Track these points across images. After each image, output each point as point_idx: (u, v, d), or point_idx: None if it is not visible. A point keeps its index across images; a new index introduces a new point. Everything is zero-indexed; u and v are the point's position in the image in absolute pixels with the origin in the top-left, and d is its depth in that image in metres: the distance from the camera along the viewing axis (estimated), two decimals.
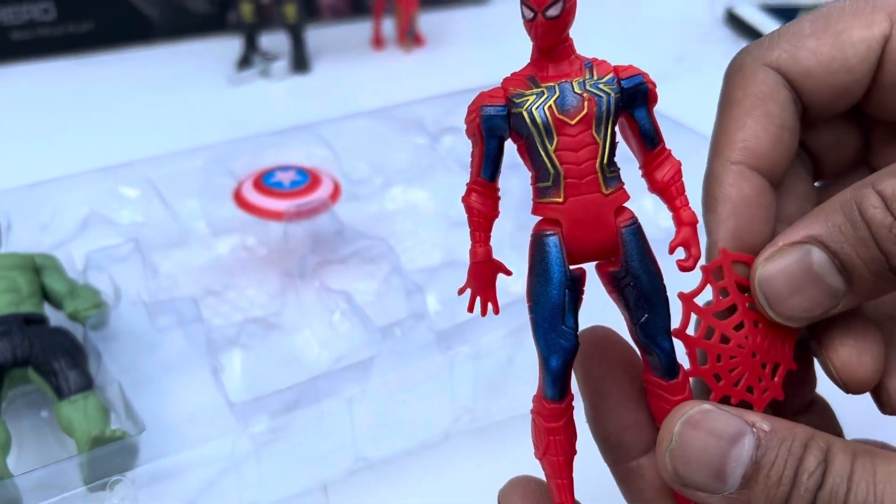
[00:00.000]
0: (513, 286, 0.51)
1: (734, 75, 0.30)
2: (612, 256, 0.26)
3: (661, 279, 0.26)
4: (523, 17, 0.25)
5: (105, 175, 0.54)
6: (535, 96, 0.25)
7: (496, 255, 0.55)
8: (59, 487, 0.35)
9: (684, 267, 0.26)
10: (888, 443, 0.27)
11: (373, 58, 0.86)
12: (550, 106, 0.25)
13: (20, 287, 0.44)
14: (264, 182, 0.53)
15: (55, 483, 0.35)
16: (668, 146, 0.27)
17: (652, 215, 0.51)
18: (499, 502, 0.29)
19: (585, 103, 0.25)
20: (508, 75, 0.26)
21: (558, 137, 0.25)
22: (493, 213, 0.27)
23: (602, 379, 0.28)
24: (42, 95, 0.80)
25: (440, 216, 0.56)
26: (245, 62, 0.82)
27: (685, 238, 0.26)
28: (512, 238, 0.53)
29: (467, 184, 0.26)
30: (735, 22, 0.90)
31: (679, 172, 0.27)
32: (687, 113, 0.55)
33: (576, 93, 0.25)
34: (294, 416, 0.39)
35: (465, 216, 0.60)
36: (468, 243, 0.60)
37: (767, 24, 0.86)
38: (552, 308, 0.25)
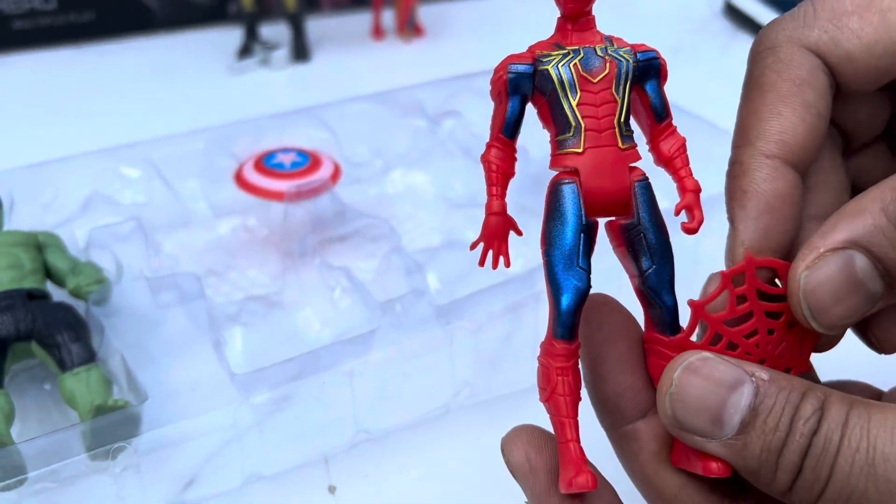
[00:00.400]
0: (511, 266, 0.51)
1: (766, 55, 0.28)
2: (623, 212, 0.27)
3: (668, 236, 0.27)
4: None
5: (107, 156, 0.54)
6: (560, 56, 0.27)
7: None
8: (61, 455, 0.36)
9: (688, 228, 0.27)
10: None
11: (373, 48, 0.87)
12: (575, 64, 0.27)
13: (23, 263, 0.44)
14: (265, 163, 0.54)
15: (58, 451, 0.36)
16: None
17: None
18: (502, 450, 0.30)
19: (607, 64, 0.27)
20: (535, 43, 0.28)
21: (581, 92, 0.27)
22: (511, 169, 0.28)
23: (602, 344, 0.28)
24: (43, 84, 0.80)
25: (440, 199, 0.57)
26: (245, 52, 0.82)
27: (689, 202, 0.27)
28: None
29: (487, 143, 0.27)
30: (733, 13, 0.91)
31: (684, 146, 0.28)
32: (685, 104, 0.56)
33: (598, 55, 0.27)
34: (295, 388, 0.40)
35: (464, 198, 0.60)
36: (468, 225, 0.60)
37: (766, 16, 0.86)
38: (568, 249, 0.27)
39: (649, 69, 0.28)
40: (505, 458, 0.30)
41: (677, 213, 0.27)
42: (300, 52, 0.83)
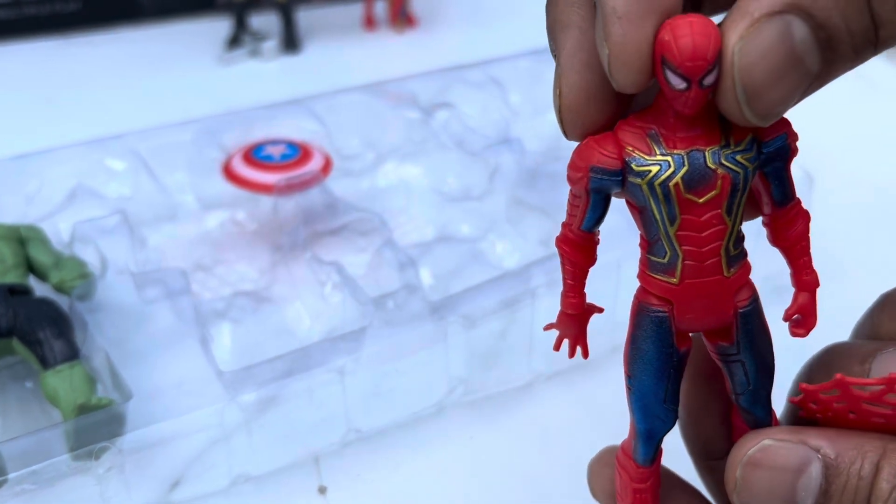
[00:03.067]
0: (506, 260, 0.50)
1: None
2: (723, 337, 0.24)
3: (772, 356, 0.25)
4: (668, 85, 0.21)
5: (92, 147, 0.53)
6: (658, 167, 0.22)
7: (491, 230, 0.54)
8: (43, 455, 0.34)
9: (797, 335, 0.25)
10: None
11: (364, 38, 0.86)
12: (677, 183, 0.22)
13: (4, 258, 0.43)
14: (254, 155, 0.52)
15: (39, 451, 0.35)
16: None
17: None
18: (589, 472, 0.29)
19: (718, 181, 0.22)
20: (626, 119, 0.23)
21: (682, 218, 0.22)
22: (590, 262, 0.24)
23: (704, 398, 0.28)
24: (28, 76, 0.78)
25: (433, 192, 0.55)
26: (234, 42, 0.81)
27: (804, 306, 0.24)
28: (507, 212, 0.52)
29: (564, 225, 0.24)
30: None
31: (808, 229, 0.24)
32: None
33: (709, 167, 0.22)
34: (285, 386, 0.39)
35: (458, 191, 0.59)
36: (462, 218, 0.58)
37: None
38: (655, 389, 0.24)
39: (776, 156, 0.23)
40: (590, 481, 0.29)
41: (787, 318, 0.25)
42: (290, 42, 0.82)
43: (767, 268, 0.28)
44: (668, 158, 0.22)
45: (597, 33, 0.22)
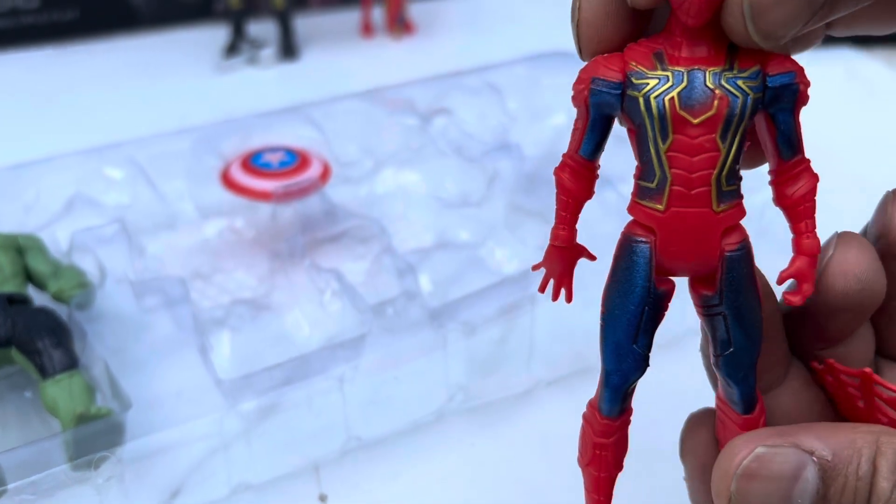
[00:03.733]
0: (505, 266, 0.50)
1: None
2: (706, 283, 0.23)
3: (759, 314, 0.24)
4: None
5: (90, 156, 0.53)
6: (657, 80, 0.21)
7: (490, 236, 0.54)
8: (42, 465, 0.34)
9: (791, 302, 0.23)
10: None
11: (362, 45, 0.86)
12: (673, 97, 0.21)
13: (3, 267, 0.43)
14: (252, 163, 0.52)
15: (39, 461, 0.34)
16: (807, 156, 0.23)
17: None
18: (684, 428, 0.28)
19: (715, 102, 0.21)
20: (637, 41, 0.22)
21: (674, 136, 0.21)
22: (587, 194, 0.24)
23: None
24: (25, 84, 0.78)
25: (432, 198, 0.55)
26: (232, 49, 0.81)
27: (800, 270, 0.23)
28: (506, 218, 0.52)
29: (563, 155, 0.23)
30: None
31: (813, 191, 0.23)
32: None
33: (707, 86, 0.21)
34: (284, 395, 0.38)
35: (457, 198, 0.59)
36: (460, 224, 0.58)
37: None
38: (626, 324, 0.23)
39: (782, 95, 0.22)
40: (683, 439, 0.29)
41: (781, 282, 0.23)
42: (288, 49, 0.82)
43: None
44: (668, 73, 0.21)
45: None
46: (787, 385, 0.27)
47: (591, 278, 0.26)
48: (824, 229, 0.25)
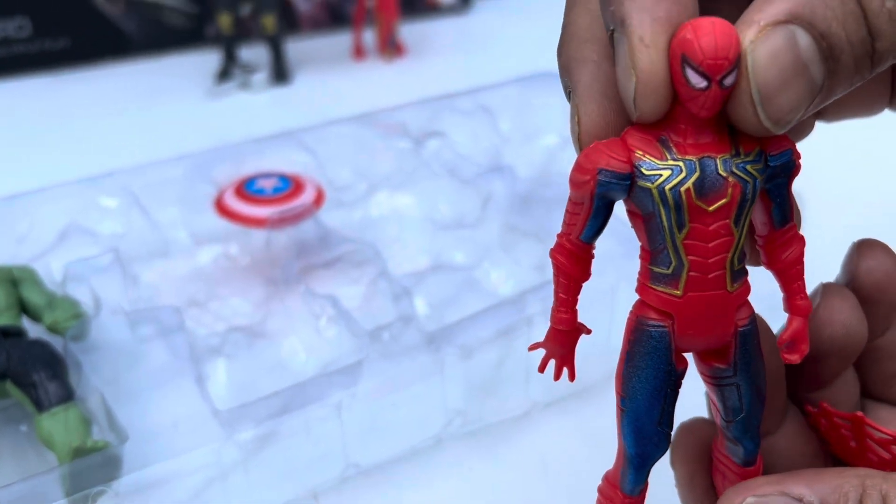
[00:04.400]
0: (501, 288, 0.50)
1: None
2: (719, 356, 0.24)
3: (765, 380, 0.25)
4: (687, 84, 0.21)
5: (83, 186, 0.53)
6: (669, 171, 0.21)
7: (486, 258, 0.54)
8: (39, 501, 0.34)
9: (790, 361, 0.24)
10: None
11: (354, 68, 0.86)
12: (689, 188, 0.21)
13: None
14: (246, 189, 0.52)
15: (35, 496, 0.34)
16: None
17: None
18: (675, 450, 0.29)
19: (729, 189, 0.21)
20: (633, 127, 0.22)
21: (690, 226, 0.22)
22: (586, 276, 0.24)
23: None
24: (18, 113, 0.79)
25: (426, 221, 0.55)
26: (224, 74, 0.81)
27: (797, 331, 0.24)
28: (501, 239, 0.52)
29: (560, 236, 0.23)
30: None
31: (802, 254, 0.24)
32: None
33: (720, 174, 0.21)
34: (281, 423, 0.38)
35: (451, 219, 0.59)
36: (455, 246, 0.58)
37: None
38: (650, 408, 0.23)
39: (781, 171, 0.22)
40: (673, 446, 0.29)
41: (781, 343, 0.24)
42: (280, 74, 0.82)
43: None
44: (680, 164, 0.21)
45: (619, 64, 0.22)
46: (784, 429, 0.28)
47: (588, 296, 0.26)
48: (817, 247, 0.26)
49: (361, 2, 0.85)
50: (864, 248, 0.28)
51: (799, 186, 0.24)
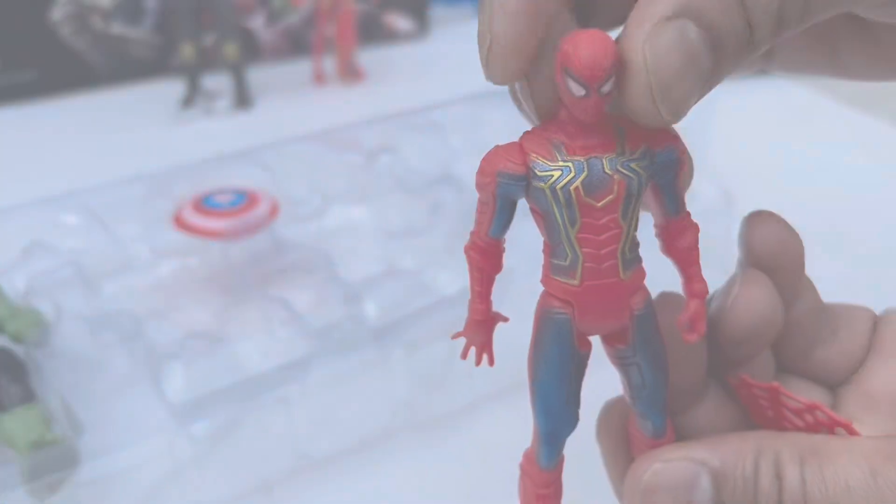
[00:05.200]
0: (448, 289, 0.52)
1: None
2: (619, 339, 0.26)
3: (666, 358, 0.26)
4: (570, 93, 0.23)
5: (47, 205, 0.55)
6: (560, 171, 0.23)
7: (434, 262, 0.56)
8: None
9: (690, 341, 0.26)
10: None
11: (314, 93, 0.89)
12: (577, 187, 0.23)
13: None
14: (204, 204, 0.54)
15: None
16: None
17: None
18: (599, 426, 0.30)
19: (615, 186, 0.23)
20: (529, 130, 0.24)
21: (581, 221, 0.24)
22: (497, 269, 0.26)
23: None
24: None
25: (378, 231, 0.58)
26: (188, 102, 0.83)
27: (695, 312, 0.26)
28: (447, 243, 0.55)
29: (472, 234, 0.25)
30: None
31: (697, 240, 0.26)
32: None
33: (606, 172, 0.23)
34: (233, 416, 0.40)
35: (402, 229, 0.61)
36: (406, 253, 0.60)
37: None
38: (557, 389, 0.25)
39: (668, 167, 0.24)
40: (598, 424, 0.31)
41: (680, 325, 0.26)
42: (242, 100, 0.84)
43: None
44: (570, 164, 0.23)
45: (480, 24, 0.23)
46: (705, 404, 0.30)
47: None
48: None
49: (320, 29, 0.88)
50: (755, 220, 0.29)
51: (728, 185, 0.26)
